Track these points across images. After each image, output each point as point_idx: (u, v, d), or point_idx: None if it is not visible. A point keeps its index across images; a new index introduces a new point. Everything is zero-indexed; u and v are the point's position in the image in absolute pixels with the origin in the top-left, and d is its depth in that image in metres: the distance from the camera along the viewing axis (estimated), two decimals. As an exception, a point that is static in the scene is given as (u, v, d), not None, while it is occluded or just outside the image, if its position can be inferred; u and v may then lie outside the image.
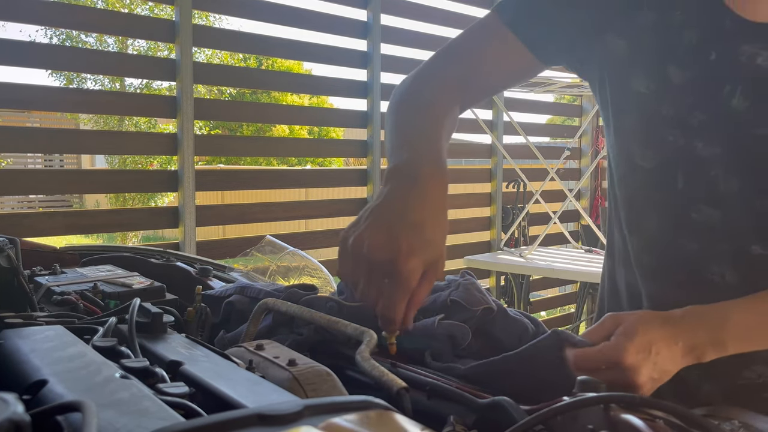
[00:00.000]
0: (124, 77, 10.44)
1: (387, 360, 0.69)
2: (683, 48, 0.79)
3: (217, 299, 0.94)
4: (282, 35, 2.79)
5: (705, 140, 0.79)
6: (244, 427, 0.35)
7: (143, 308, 0.67)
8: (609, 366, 0.63)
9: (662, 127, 0.82)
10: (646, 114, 0.84)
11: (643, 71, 0.83)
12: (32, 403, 0.43)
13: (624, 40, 0.84)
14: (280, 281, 1.55)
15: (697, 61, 0.78)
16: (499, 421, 0.51)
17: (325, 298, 0.84)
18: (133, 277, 1.00)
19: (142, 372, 0.50)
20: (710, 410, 0.57)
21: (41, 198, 10.95)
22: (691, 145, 0.79)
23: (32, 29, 15.91)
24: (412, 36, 3.22)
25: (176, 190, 2.49)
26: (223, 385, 0.49)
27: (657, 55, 0.82)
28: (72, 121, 12.48)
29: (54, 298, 0.87)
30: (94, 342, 0.57)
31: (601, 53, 0.88)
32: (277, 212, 2.92)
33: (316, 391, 0.56)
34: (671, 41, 0.80)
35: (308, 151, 4.19)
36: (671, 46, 0.80)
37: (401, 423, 0.39)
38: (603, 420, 0.46)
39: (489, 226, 3.77)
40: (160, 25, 2.59)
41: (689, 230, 0.82)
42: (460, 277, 0.88)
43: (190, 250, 2.44)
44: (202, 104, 2.63)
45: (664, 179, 0.83)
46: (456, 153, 4.40)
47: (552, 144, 4.51)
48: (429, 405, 0.60)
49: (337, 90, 3.15)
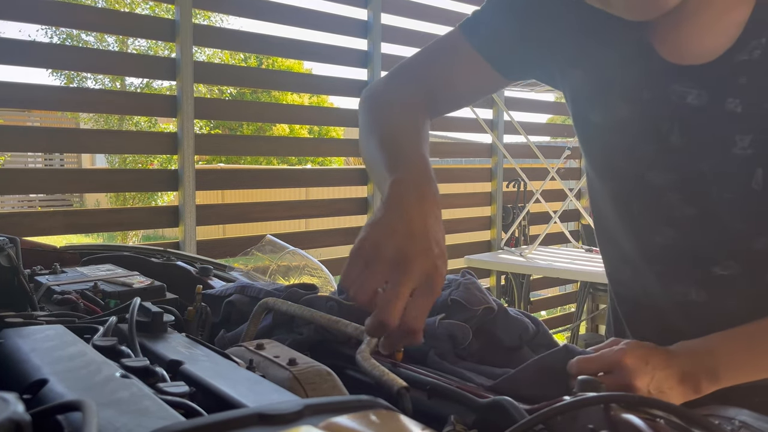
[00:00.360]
0: (124, 76, 10.44)
1: (387, 360, 0.69)
2: (623, 85, 0.81)
3: (217, 299, 0.94)
4: (282, 34, 2.79)
5: (656, 170, 0.81)
6: (245, 427, 0.35)
7: (143, 307, 0.67)
8: (608, 368, 0.66)
9: (616, 156, 0.85)
10: (602, 142, 0.86)
11: (597, 102, 0.85)
12: (32, 403, 0.43)
13: (580, 70, 0.86)
14: (280, 281, 1.55)
15: (635, 99, 0.80)
16: (500, 421, 0.51)
17: (325, 297, 0.84)
18: (133, 276, 1.00)
19: (143, 371, 0.50)
20: (710, 410, 0.57)
21: (41, 197, 10.94)
22: (643, 174, 0.82)
23: (32, 29, 15.91)
24: (412, 35, 3.22)
25: (176, 189, 2.49)
26: (223, 385, 0.49)
27: (606, 89, 0.83)
28: (72, 121, 12.48)
29: (54, 298, 0.87)
30: (95, 341, 0.57)
31: (561, 77, 0.89)
32: (277, 211, 2.92)
33: (317, 390, 0.56)
34: (615, 77, 0.82)
35: (308, 150, 4.18)
36: (615, 82, 0.82)
37: (402, 423, 0.39)
38: (603, 420, 0.46)
39: (489, 226, 3.77)
40: (160, 24, 2.59)
41: (655, 252, 0.85)
42: (461, 277, 0.88)
43: (191, 249, 2.44)
44: (203, 103, 2.63)
45: (623, 205, 0.86)
46: (456, 152, 4.40)
47: (552, 143, 4.51)
48: (429, 404, 0.60)
49: (338, 89, 3.14)
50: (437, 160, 6.95)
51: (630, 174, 0.84)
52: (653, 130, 0.79)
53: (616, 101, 0.82)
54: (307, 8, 2.87)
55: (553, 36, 0.86)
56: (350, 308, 0.81)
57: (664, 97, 0.77)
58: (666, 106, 0.78)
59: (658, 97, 0.78)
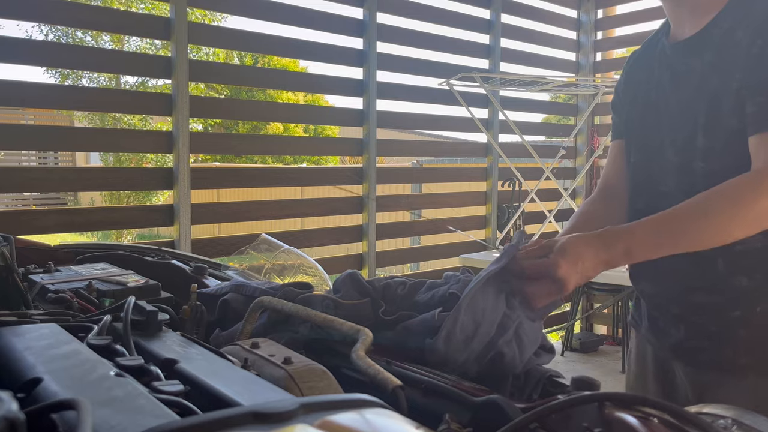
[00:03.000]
0: (119, 75, 10.41)
1: (382, 358, 0.69)
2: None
3: (212, 297, 0.94)
4: (278, 33, 2.79)
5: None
6: (240, 425, 0.35)
7: (138, 306, 0.67)
8: (545, 275, 0.86)
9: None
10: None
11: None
12: (27, 401, 0.43)
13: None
14: (275, 279, 1.55)
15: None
16: (494, 419, 0.51)
17: (321, 296, 0.84)
18: (128, 275, 1.00)
19: (137, 370, 0.50)
20: (702, 407, 0.58)
21: (36, 196, 10.91)
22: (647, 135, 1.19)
23: (28, 26, 15.84)
24: (408, 34, 3.22)
25: (171, 188, 2.48)
26: (218, 383, 0.49)
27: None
28: (67, 119, 12.44)
29: (48, 296, 0.86)
30: (89, 340, 0.57)
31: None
32: (272, 210, 2.92)
33: (312, 389, 0.56)
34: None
35: (304, 149, 4.19)
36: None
37: (396, 421, 0.39)
38: (597, 418, 0.46)
39: (484, 225, 3.78)
40: (155, 22, 2.59)
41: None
42: (460, 274, 0.88)
43: (186, 248, 2.43)
44: (198, 102, 2.62)
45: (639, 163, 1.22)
46: (452, 151, 4.41)
47: (547, 143, 4.52)
48: (424, 403, 0.60)
49: (333, 88, 3.14)
50: (432, 159, 6.96)
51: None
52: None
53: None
54: (303, 7, 2.87)
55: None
56: (346, 307, 0.81)
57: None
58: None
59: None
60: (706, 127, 1.04)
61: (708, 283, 1.07)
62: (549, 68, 4.05)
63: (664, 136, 1.13)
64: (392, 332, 0.80)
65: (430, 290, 0.87)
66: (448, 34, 3.43)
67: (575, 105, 4.37)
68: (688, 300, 1.10)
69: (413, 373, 0.64)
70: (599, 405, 0.47)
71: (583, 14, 4.27)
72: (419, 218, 3.61)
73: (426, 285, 0.88)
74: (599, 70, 4.35)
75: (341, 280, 0.87)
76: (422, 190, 5.20)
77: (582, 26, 4.29)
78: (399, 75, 3.26)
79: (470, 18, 3.57)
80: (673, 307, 1.13)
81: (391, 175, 3.41)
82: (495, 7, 3.64)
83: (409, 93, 3.29)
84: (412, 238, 5.27)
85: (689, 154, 1.08)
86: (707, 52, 1.05)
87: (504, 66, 3.74)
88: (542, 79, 3.34)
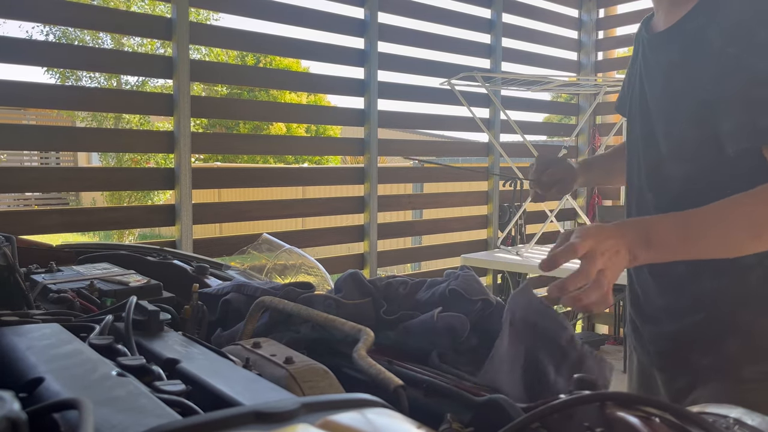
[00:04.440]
0: (120, 75, 10.41)
1: (384, 358, 0.69)
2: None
3: (213, 297, 0.94)
4: (279, 33, 2.79)
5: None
6: (241, 425, 0.35)
7: (140, 306, 0.67)
8: (567, 256, 0.82)
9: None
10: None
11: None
12: (29, 401, 0.43)
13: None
14: (276, 279, 1.55)
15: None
16: (496, 419, 0.51)
17: (323, 296, 0.84)
18: (129, 275, 1.00)
19: (139, 370, 0.50)
20: (704, 407, 0.58)
21: (37, 196, 10.91)
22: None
23: (28, 26, 15.85)
24: (409, 34, 3.21)
25: (173, 187, 2.48)
26: (219, 383, 0.49)
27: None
28: (68, 119, 12.44)
29: (50, 296, 0.86)
30: (91, 340, 0.57)
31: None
32: (274, 210, 2.92)
33: (313, 388, 0.56)
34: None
35: (305, 149, 4.18)
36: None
37: (398, 421, 0.39)
38: (599, 418, 0.46)
39: (486, 225, 3.77)
40: (156, 22, 2.59)
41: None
42: (460, 271, 0.88)
43: (187, 248, 2.43)
44: (199, 102, 2.62)
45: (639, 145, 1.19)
46: (453, 151, 4.40)
47: (549, 142, 4.52)
48: (426, 403, 0.60)
49: (335, 88, 3.14)
50: (434, 158, 6.95)
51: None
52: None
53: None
54: (305, 7, 2.86)
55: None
56: (348, 307, 0.81)
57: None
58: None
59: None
60: (666, 129, 1.04)
61: (671, 285, 1.06)
62: (550, 68, 4.05)
63: (637, 129, 1.13)
64: (394, 332, 0.80)
65: (430, 287, 0.87)
66: (450, 33, 3.43)
67: (576, 104, 4.36)
68: (655, 303, 1.10)
69: (415, 373, 0.64)
70: (601, 405, 0.47)
71: (585, 14, 4.27)
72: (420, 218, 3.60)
73: (427, 283, 0.88)
74: (601, 69, 4.34)
75: (343, 280, 0.87)
76: (423, 190, 5.20)
77: (583, 26, 4.28)
78: (400, 75, 3.26)
79: (471, 17, 3.56)
80: (647, 308, 1.13)
81: (392, 175, 3.41)
82: (496, 7, 3.64)
83: (410, 93, 3.28)
84: (414, 237, 5.27)
85: (654, 151, 1.07)
86: (673, 51, 1.02)
87: (505, 65, 3.74)
88: (543, 78, 3.34)
